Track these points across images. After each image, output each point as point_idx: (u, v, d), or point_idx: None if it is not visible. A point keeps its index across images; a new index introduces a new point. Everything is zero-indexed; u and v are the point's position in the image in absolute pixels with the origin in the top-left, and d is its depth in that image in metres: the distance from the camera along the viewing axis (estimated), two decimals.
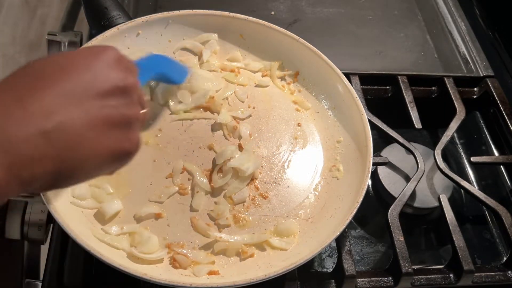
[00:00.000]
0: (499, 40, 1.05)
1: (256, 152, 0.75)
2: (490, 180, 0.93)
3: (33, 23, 2.15)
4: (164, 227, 0.67)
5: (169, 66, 0.75)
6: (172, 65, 0.76)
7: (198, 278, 0.63)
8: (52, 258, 0.67)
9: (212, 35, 0.85)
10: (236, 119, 0.78)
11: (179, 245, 0.66)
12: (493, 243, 0.85)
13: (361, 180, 0.70)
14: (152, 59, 0.72)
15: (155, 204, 0.69)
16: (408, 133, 0.89)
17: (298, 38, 0.83)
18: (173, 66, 0.76)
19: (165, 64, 0.74)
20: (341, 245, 0.71)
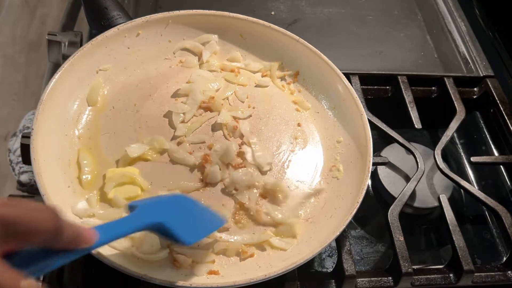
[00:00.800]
0: (499, 40, 1.04)
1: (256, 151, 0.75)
2: (490, 180, 0.93)
3: (33, 23, 2.15)
4: None
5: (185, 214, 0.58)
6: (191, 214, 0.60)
7: (198, 278, 0.63)
8: None
9: (212, 36, 0.85)
10: (236, 119, 0.78)
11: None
12: (493, 243, 0.85)
13: (361, 180, 0.70)
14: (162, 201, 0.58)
15: None
16: (408, 133, 0.89)
17: (298, 38, 0.83)
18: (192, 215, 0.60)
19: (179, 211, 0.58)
20: (341, 245, 0.71)
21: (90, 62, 0.76)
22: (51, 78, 0.71)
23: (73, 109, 0.74)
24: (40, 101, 0.69)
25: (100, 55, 0.78)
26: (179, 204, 0.60)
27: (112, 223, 0.50)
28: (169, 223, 0.54)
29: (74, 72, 0.74)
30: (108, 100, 0.77)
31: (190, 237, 0.57)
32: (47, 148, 0.67)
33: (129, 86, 0.79)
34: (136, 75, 0.81)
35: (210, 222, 0.63)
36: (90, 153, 0.71)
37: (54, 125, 0.71)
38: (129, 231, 0.51)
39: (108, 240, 0.48)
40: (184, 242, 0.56)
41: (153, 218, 0.53)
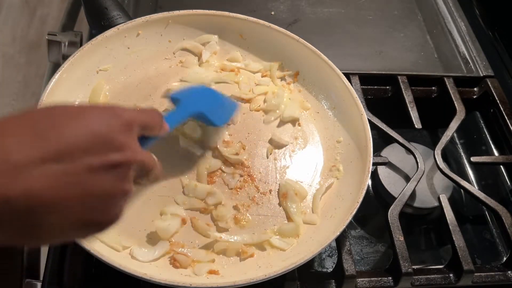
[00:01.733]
0: (499, 40, 1.04)
1: (256, 152, 0.75)
2: (490, 180, 0.93)
3: (33, 23, 2.15)
4: None
5: (213, 103, 0.72)
6: (216, 102, 0.73)
7: (198, 278, 0.63)
8: (52, 258, 0.67)
9: (212, 37, 0.85)
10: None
11: (179, 245, 0.66)
12: (493, 243, 0.85)
13: (361, 180, 0.70)
14: (195, 93, 0.70)
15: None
16: (408, 133, 0.89)
17: (298, 38, 0.83)
18: (217, 103, 0.73)
19: (209, 100, 0.71)
20: (341, 245, 0.71)
21: (90, 62, 0.77)
22: (51, 78, 0.71)
23: None
24: (40, 101, 0.69)
25: (100, 55, 0.78)
26: (208, 94, 0.73)
27: (172, 114, 0.62)
28: (207, 111, 0.68)
29: (74, 72, 0.74)
30: (108, 100, 0.77)
31: (220, 120, 0.72)
32: None
33: (129, 86, 0.79)
34: (136, 75, 0.81)
35: (230, 107, 0.76)
36: None
37: None
38: (183, 119, 0.65)
39: (172, 128, 0.60)
40: (217, 124, 0.72)
41: (196, 109, 0.67)
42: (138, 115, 0.50)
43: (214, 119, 0.70)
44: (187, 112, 0.65)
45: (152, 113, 0.55)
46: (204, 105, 0.69)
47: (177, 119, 0.63)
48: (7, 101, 1.91)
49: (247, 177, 0.73)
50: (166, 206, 0.68)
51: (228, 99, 0.77)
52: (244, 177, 0.73)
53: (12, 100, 1.92)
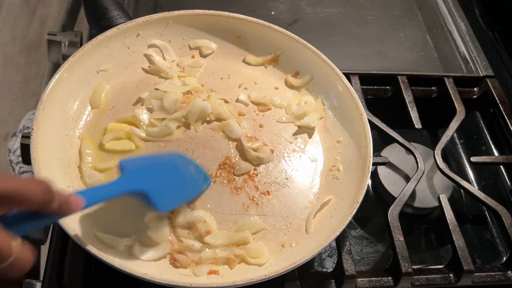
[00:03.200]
0: (499, 40, 1.05)
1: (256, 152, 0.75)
2: (490, 180, 0.93)
3: (33, 23, 2.15)
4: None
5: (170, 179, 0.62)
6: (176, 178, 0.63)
7: (198, 278, 0.63)
8: (52, 258, 0.68)
9: (212, 44, 0.85)
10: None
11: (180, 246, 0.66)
12: (493, 243, 0.85)
13: (361, 180, 0.70)
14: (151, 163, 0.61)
15: None
16: (408, 133, 0.89)
17: (298, 38, 0.83)
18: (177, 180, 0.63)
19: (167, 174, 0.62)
20: (341, 245, 0.71)
21: (90, 62, 0.76)
22: (51, 78, 0.71)
23: (73, 109, 0.74)
24: (40, 101, 0.69)
25: (100, 55, 0.78)
26: (166, 167, 0.63)
27: (97, 188, 0.54)
28: (151, 191, 0.58)
29: (74, 72, 0.74)
30: (108, 100, 0.77)
31: (166, 205, 0.61)
32: (47, 148, 0.67)
33: (129, 86, 0.79)
34: (136, 75, 0.81)
35: (193, 185, 0.66)
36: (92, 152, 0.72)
37: (54, 125, 0.71)
38: (112, 196, 0.54)
39: (93, 204, 0.51)
40: (159, 210, 0.60)
41: (136, 185, 0.57)
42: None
43: (158, 201, 0.59)
44: (124, 188, 0.56)
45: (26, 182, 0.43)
46: (152, 182, 0.59)
47: (106, 194, 0.54)
48: (7, 101, 1.91)
49: (247, 177, 0.73)
50: (147, 214, 0.66)
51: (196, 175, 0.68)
52: (244, 177, 0.73)
53: (12, 100, 1.92)
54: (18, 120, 1.26)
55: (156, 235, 0.65)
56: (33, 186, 0.43)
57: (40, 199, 0.44)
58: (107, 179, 0.69)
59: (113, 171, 0.70)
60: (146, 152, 0.73)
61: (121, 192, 0.56)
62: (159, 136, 0.74)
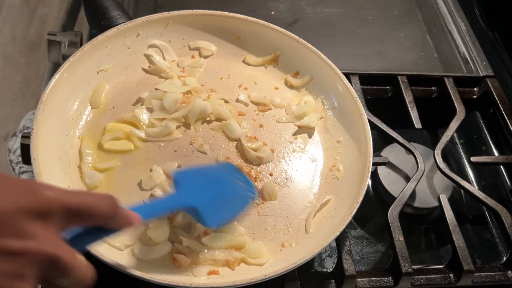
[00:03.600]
0: (499, 40, 1.04)
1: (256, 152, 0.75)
2: (490, 180, 0.93)
3: (33, 23, 2.15)
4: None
5: (218, 194, 0.62)
6: (224, 194, 0.63)
7: (198, 278, 0.63)
8: None
9: (212, 47, 0.85)
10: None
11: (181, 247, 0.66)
12: (493, 243, 0.85)
13: (361, 180, 0.70)
14: (201, 176, 0.61)
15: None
16: (408, 133, 0.89)
17: (298, 38, 0.83)
18: (224, 195, 0.63)
19: (215, 189, 0.62)
20: (341, 245, 0.71)
21: (90, 62, 0.76)
22: (51, 78, 0.71)
23: (73, 109, 0.74)
24: (40, 101, 0.69)
25: (100, 55, 0.78)
26: (217, 181, 0.64)
27: (153, 204, 0.55)
28: (202, 208, 0.58)
29: (74, 72, 0.74)
30: (108, 100, 0.77)
31: (215, 220, 0.61)
32: (47, 148, 0.67)
33: (129, 86, 0.79)
34: (136, 75, 0.81)
35: (241, 199, 0.66)
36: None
37: (54, 125, 0.71)
38: (166, 212, 0.56)
39: (149, 219, 0.52)
40: (210, 226, 0.61)
41: (189, 202, 0.58)
42: (65, 197, 0.40)
43: (208, 218, 0.59)
44: (176, 204, 0.57)
45: (95, 198, 0.43)
46: (204, 198, 0.59)
47: (160, 210, 0.55)
48: (7, 101, 1.91)
49: (247, 177, 0.73)
50: None
51: (244, 189, 0.67)
52: None
53: (12, 100, 1.92)
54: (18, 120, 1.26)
55: (156, 235, 0.65)
56: (103, 202, 0.43)
57: (107, 215, 0.44)
58: (107, 179, 0.69)
59: (113, 171, 0.70)
60: (145, 152, 0.73)
61: (175, 208, 0.57)
62: (159, 136, 0.74)
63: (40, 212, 0.37)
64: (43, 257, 0.37)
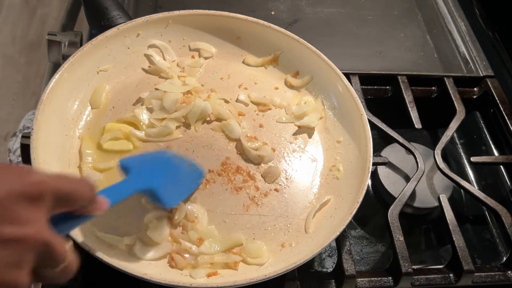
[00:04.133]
0: (499, 40, 1.04)
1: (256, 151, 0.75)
2: (490, 180, 0.93)
3: (33, 23, 2.15)
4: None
5: (169, 176, 0.64)
6: (174, 175, 0.65)
7: (198, 278, 0.63)
8: None
9: (212, 49, 0.85)
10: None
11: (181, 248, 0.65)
12: (493, 243, 0.85)
13: (361, 180, 0.70)
14: (149, 161, 0.63)
15: None
16: (408, 133, 0.89)
17: (298, 38, 0.83)
18: (175, 176, 0.65)
19: (165, 172, 0.63)
20: (341, 245, 0.71)
21: (90, 62, 0.76)
22: (51, 78, 0.71)
23: (73, 109, 0.74)
24: (40, 101, 0.69)
25: (100, 55, 0.78)
26: (165, 164, 0.65)
27: (114, 188, 0.55)
28: (158, 189, 0.60)
29: (74, 72, 0.74)
30: (108, 100, 0.77)
31: (171, 199, 0.63)
32: (47, 148, 0.67)
33: (129, 86, 0.79)
34: (136, 75, 0.81)
35: (191, 180, 0.69)
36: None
37: (54, 125, 0.71)
38: (127, 195, 0.56)
39: (114, 203, 0.52)
40: (167, 205, 0.63)
41: (145, 184, 0.59)
42: (54, 181, 0.39)
43: (165, 197, 0.61)
44: (134, 187, 0.57)
45: (79, 182, 0.44)
46: (157, 178, 0.61)
47: (121, 194, 0.55)
48: (7, 101, 1.91)
49: (247, 177, 0.73)
50: (146, 214, 0.67)
51: (191, 170, 0.69)
52: (244, 177, 0.73)
53: (12, 100, 1.92)
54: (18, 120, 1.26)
55: (155, 235, 0.65)
56: (85, 186, 0.43)
57: (88, 199, 0.44)
58: (107, 179, 0.69)
59: (113, 171, 0.70)
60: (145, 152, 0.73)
61: (134, 191, 0.57)
62: (159, 136, 0.74)
63: (32, 196, 0.36)
64: (38, 243, 0.36)
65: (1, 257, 0.34)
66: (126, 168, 0.59)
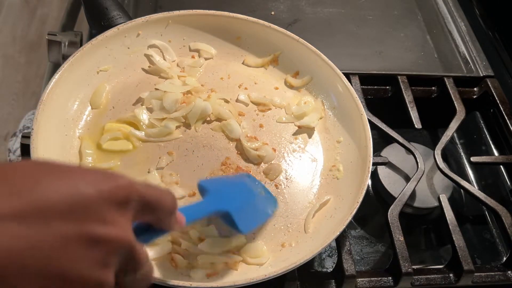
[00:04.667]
0: (499, 40, 1.04)
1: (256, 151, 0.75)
2: (490, 180, 0.93)
3: (33, 23, 2.15)
4: None
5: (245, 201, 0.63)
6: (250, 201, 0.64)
7: (198, 278, 0.63)
8: None
9: (212, 50, 0.85)
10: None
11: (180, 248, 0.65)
12: (493, 243, 0.85)
13: (361, 180, 0.70)
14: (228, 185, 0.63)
15: None
16: (408, 133, 0.89)
17: (298, 38, 0.83)
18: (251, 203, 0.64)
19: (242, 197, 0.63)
20: (341, 245, 0.71)
21: (90, 62, 0.76)
22: (51, 78, 0.71)
23: (73, 109, 0.74)
24: (40, 101, 0.69)
25: (100, 55, 0.78)
26: (243, 189, 0.65)
27: (192, 207, 0.55)
28: (234, 212, 0.59)
29: (74, 72, 0.74)
30: (108, 100, 0.77)
31: (247, 227, 0.62)
32: (47, 148, 0.67)
33: (129, 86, 0.79)
34: (136, 75, 0.81)
35: (266, 206, 0.67)
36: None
37: (54, 125, 0.71)
38: (203, 216, 0.56)
39: (190, 222, 0.51)
40: (241, 231, 0.61)
41: (222, 206, 0.58)
42: (141, 187, 0.39)
43: (240, 222, 0.60)
44: (211, 208, 0.57)
45: (164, 192, 0.43)
46: (235, 202, 0.60)
47: (197, 214, 0.55)
48: (7, 101, 1.91)
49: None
50: None
51: (266, 196, 0.68)
52: None
53: (12, 100, 1.92)
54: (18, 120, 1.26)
55: None
56: (168, 196, 0.43)
57: (170, 211, 0.44)
58: None
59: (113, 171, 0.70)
60: (145, 152, 0.73)
61: (210, 212, 0.57)
62: (159, 136, 0.74)
63: (120, 200, 0.37)
64: (124, 246, 0.37)
65: (90, 256, 0.34)
66: (205, 189, 0.59)
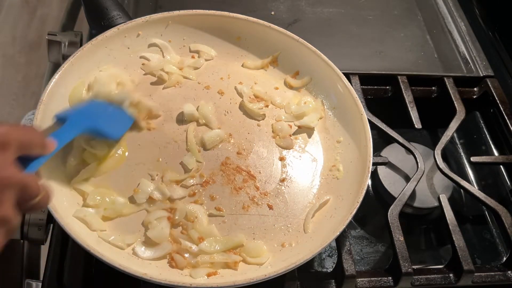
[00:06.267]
0: (499, 40, 1.04)
1: (256, 151, 0.75)
2: (490, 180, 0.93)
3: (33, 23, 2.15)
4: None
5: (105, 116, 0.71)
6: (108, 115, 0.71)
7: (198, 278, 0.63)
8: (52, 258, 0.68)
9: (212, 51, 0.85)
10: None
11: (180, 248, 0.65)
12: (493, 243, 0.85)
13: (361, 180, 0.70)
14: (83, 108, 0.69)
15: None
16: (408, 133, 0.89)
17: (298, 38, 0.83)
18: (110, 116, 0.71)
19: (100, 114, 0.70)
20: (341, 245, 0.71)
21: (90, 62, 0.77)
22: (51, 78, 0.71)
23: None
24: (40, 101, 0.69)
25: (100, 55, 0.78)
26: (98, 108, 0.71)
27: (60, 132, 0.62)
28: (99, 125, 0.68)
29: (74, 72, 0.74)
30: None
31: (114, 132, 0.71)
32: None
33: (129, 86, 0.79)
34: (136, 75, 0.81)
35: (125, 117, 0.73)
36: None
37: None
38: (73, 135, 0.64)
39: (61, 145, 0.60)
40: (112, 136, 0.70)
41: (87, 124, 0.66)
42: (13, 131, 0.47)
43: (108, 132, 0.69)
44: (77, 128, 0.64)
45: (30, 130, 0.53)
46: (96, 119, 0.68)
47: (67, 135, 0.62)
48: (7, 101, 1.91)
49: (247, 177, 0.73)
50: (146, 216, 0.67)
51: (121, 111, 0.74)
52: (244, 177, 0.73)
53: (12, 100, 1.92)
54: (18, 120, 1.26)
55: (155, 235, 0.65)
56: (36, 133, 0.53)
57: (41, 144, 0.52)
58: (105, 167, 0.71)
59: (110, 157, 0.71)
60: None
61: (78, 132, 0.64)
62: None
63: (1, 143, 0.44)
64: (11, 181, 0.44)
65: None
66: (63, 117, 0.64)
